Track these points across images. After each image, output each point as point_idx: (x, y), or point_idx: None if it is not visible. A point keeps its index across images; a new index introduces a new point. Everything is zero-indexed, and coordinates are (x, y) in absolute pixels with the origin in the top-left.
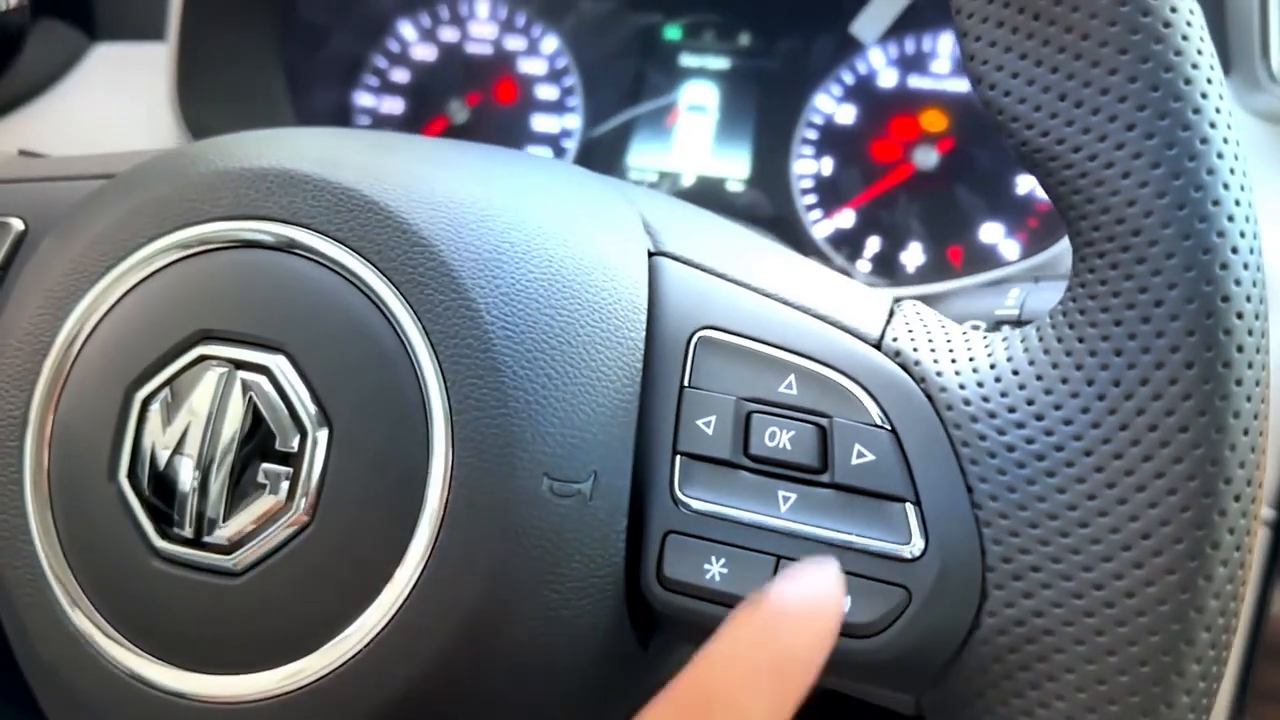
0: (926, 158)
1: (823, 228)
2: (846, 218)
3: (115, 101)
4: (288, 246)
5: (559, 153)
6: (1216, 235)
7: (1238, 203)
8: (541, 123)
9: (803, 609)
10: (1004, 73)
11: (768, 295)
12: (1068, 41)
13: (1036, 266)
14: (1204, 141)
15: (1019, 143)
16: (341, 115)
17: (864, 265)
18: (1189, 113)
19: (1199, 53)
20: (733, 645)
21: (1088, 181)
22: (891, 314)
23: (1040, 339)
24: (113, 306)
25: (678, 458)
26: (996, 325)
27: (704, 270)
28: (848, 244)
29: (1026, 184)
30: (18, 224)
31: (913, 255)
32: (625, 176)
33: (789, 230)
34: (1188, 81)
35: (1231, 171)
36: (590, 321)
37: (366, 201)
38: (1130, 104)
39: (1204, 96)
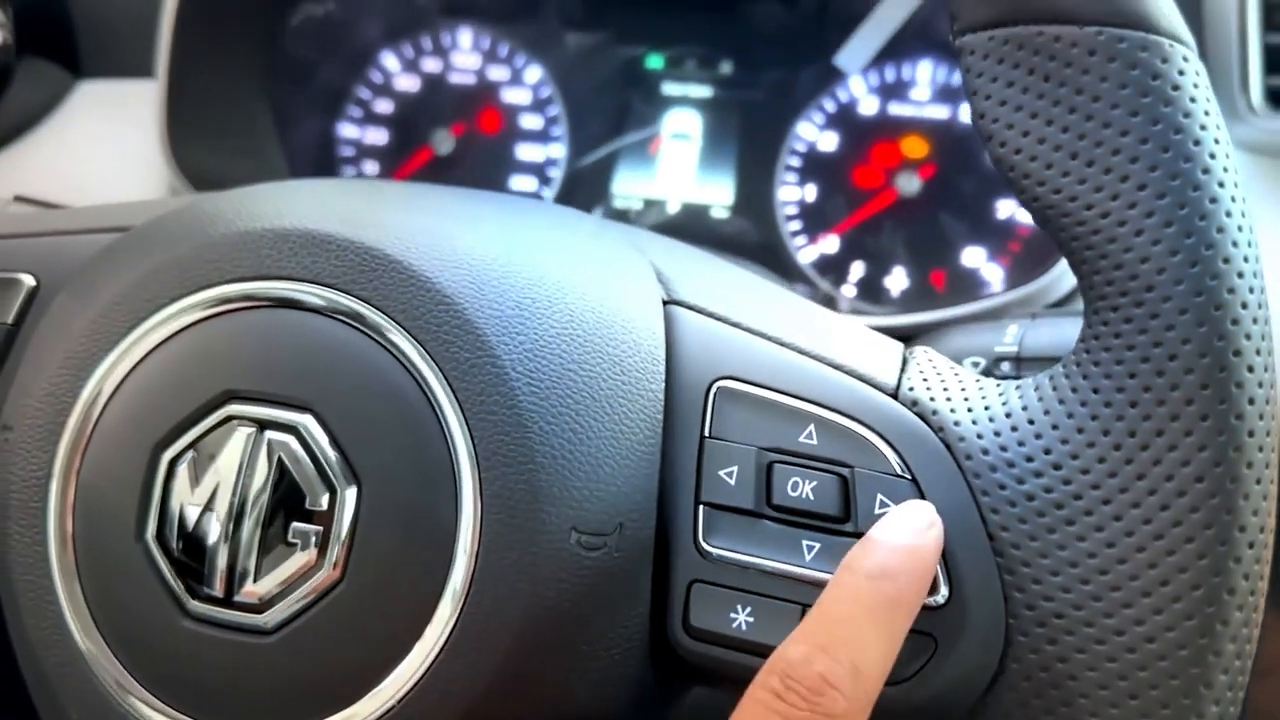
0: (909, 184)
1: (808, 253)
2: (831, 243)
3: (102, 139)
4: (311, 307)
5: (544, 181)
6: (1227, 292)
7: (1246, 259)
8: (526, 152)
9: (909, 550)
10: (1014, 131)
11: (783, 344)
12: (1078, 103)
13: (1024, 298)
14: (1213, 201)
15: (1030, 198)
16: (326, 146)
17: (849, 290)
18: (1199, 173)
19: (1206, 113)
20: (853, 580)
21: (1101, 238)
22: (905, 362)
23: (1054, 388)
24: (135, 366)
25: (701, 508)
26: (997, 361)
27: (717, 319)
28: (832, 269)
29: (1007, 209)
30: (29, 280)
31: (897, 280)
32: (610, 204)
33: (774, 256)
34: (1196, 142)
35: (1240, 229)
36: (611, 374)
37: (390, 261)
38: (1142, 165)
39: (1212, 157)
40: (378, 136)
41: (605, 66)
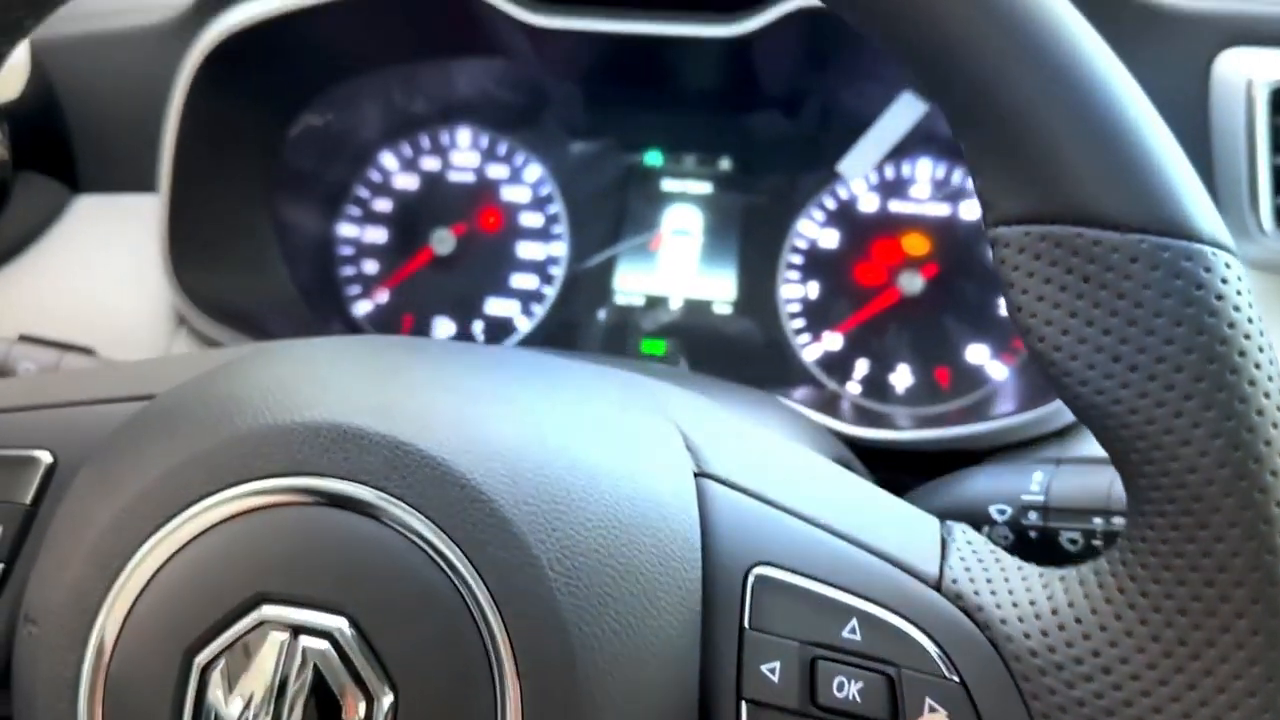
0: (911, 283)
1: (812, 351)
2: (835, 341)
3: (102, 255)
4: (344, 504)
5: (546, 280)
6: (1276, 505)
7: None
8: (527, 250)
9: None
10: (1054, 328)
11: (821, 526)
12: (1121, 307)
13: (1038, 420)
14: (1260, 413)
15: (1072, 396)
16: (325, 246)
17: (854, 388)
18: (1244, 385)
19: (1250, 321)
20: None
21: (1146, 445)
22: (945, 544)
23: (1101, 585)
24: (164, 564)
25: (744, 704)
26: (1024, 510)
27: (751, 496)
28: (837, 367)
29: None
30: (46, 457)
31: (901, 377)
32: (612, 301)
33: (778, 353)
34: (1242, 354)
35: None
36: (648, 564)
37: (424, 457)
38: (1187, 375)
39: (1257, 367)
40: (377, 235)
41: (604, 164)
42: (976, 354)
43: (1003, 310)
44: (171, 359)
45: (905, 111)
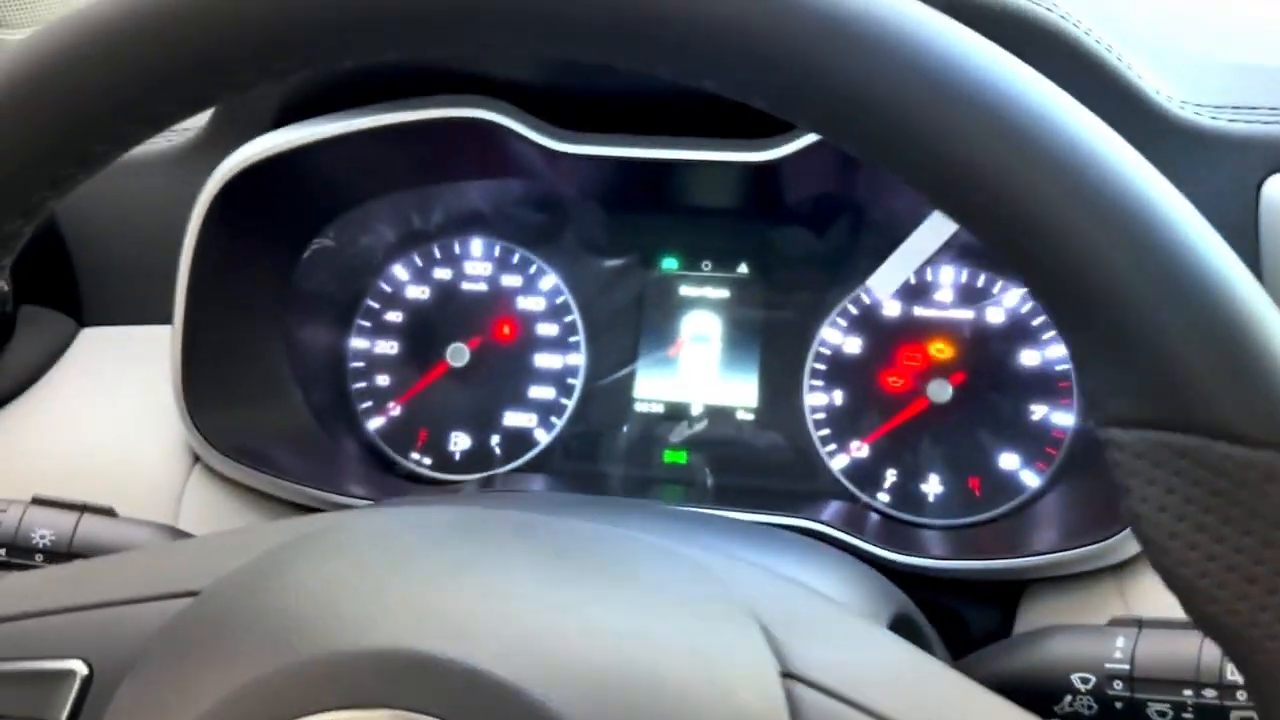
0: (940, 391)
1: (839, 461)
2: (862, 450)
3: (110, 390)
4: None
5: (564, 391)
6: None
7: None
8: (544, 360)
9: None
10: (1179, 543)
11: None
12: (1254, 527)
13: (1097, 554)
14: None
15: (1200, 615)
16: (337, 362)
17: (883, 498)
18: None
19: None
20: None
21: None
22: None
23: None
24: None
25: None
26: (1109, 679)
27: (841, 700)
28: (865, 477)
29: (1041, 410)
30: (81, 668)
31: (932, 486)
32: (632, 408)
33: (804, 462)
34: None
35: None
36: None
37: (503, 687)
38: None
39: None
40: (388, 347)
41: (620, 271)
42: (1009, 462)
43: (1034, 416)
44: (209, 541)
45: (937, 228)
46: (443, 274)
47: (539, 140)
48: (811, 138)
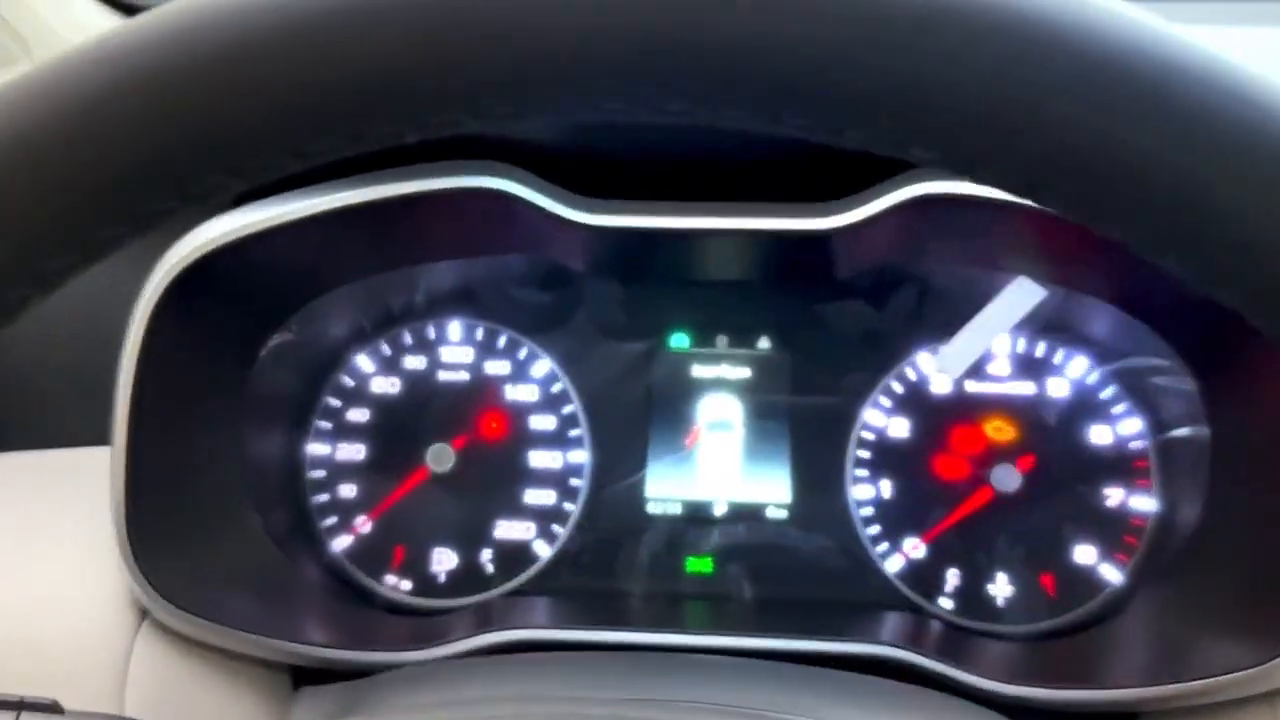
0: (1007, 479)
1: (893, 563)
2: (918, 549)
3: (34, 531)
4: None
5: (567, 494)
6: None
7: None
8: (541, 459)
9: None
10: None
11: None
12: None
13: (1249, 679)
14: None
15: None
16: (292, 470)
17: (946, 603)
18: None
19: None
20: None
21: None
22: None
23: None
24: None
25: None
26: None
27: None
28: (924, 580)
29: (1117, 495)
30: None
31: (1001, 588)
32: (644, 510)
33: (853, 568)
34: None
35: None
36: None
37: None
38: None
39: None
40: (353, 452)
41: (623, 351)
42: (1085, 555)
43: (1110, 501)
44: None
45: (1020, 298)
46: (415, 363)
47: (557, 210)
48: (885, 204)
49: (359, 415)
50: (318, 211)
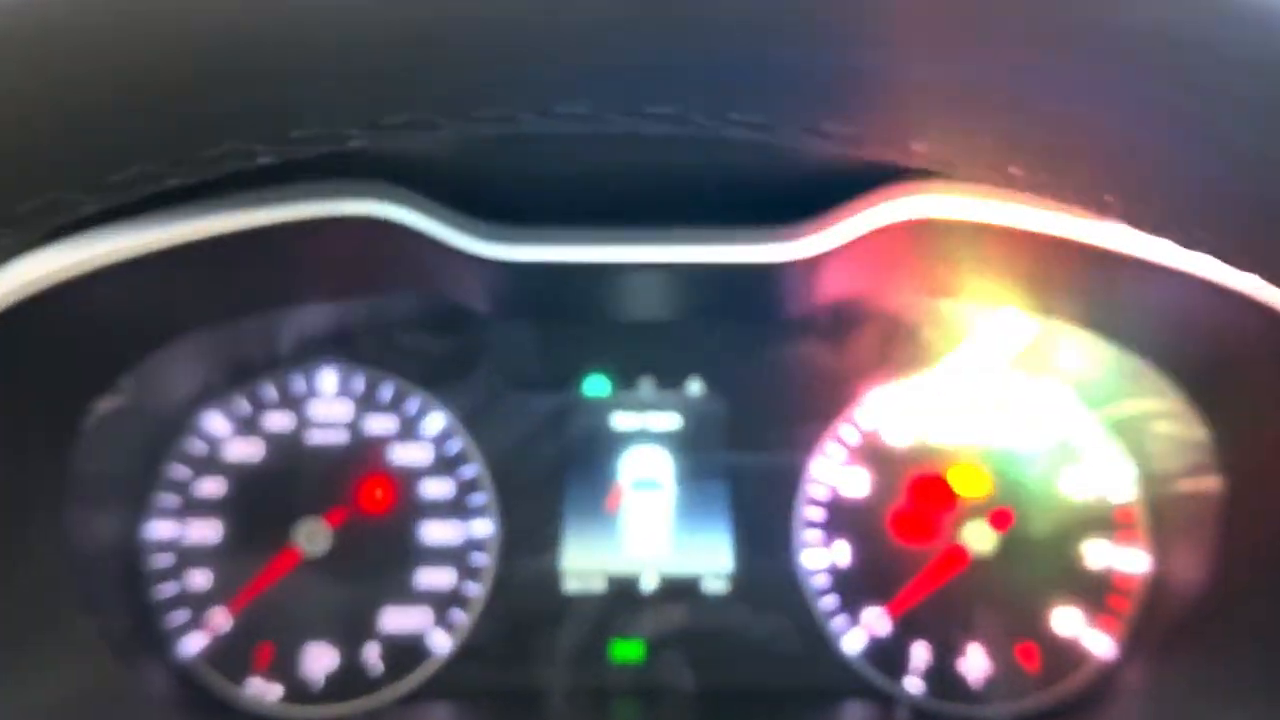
0: (980, 538)
1: (854, 639)
2: (881, 622)
3: None
4: None
5: (468, 574)
6: None
7: None
8: (437, 533)
9: None
10: None
11: None
12: None
13: None
14: None
15: None
16: (130, 559)
17: (913, 683)
18: None
19: None
20: None
21: None
22: None
23: None
24: None
25: None
26: None
27: None
28: (888, 658)
29: (1099, 554)
30: None
31: (976, 663)
32: (560, 589)
33: (808, 646)
34: None
35: None
36: None
37: None
38: None
39: None
40: (206, 532)
41: (531, 401)
42: (1066, 621)
43: (1091, 560)
44: None
45: (1006, 334)
46: (280, 422)
47: (456, 243)
48: (859, 228)
49: (212, 488)
50: (155, 249)
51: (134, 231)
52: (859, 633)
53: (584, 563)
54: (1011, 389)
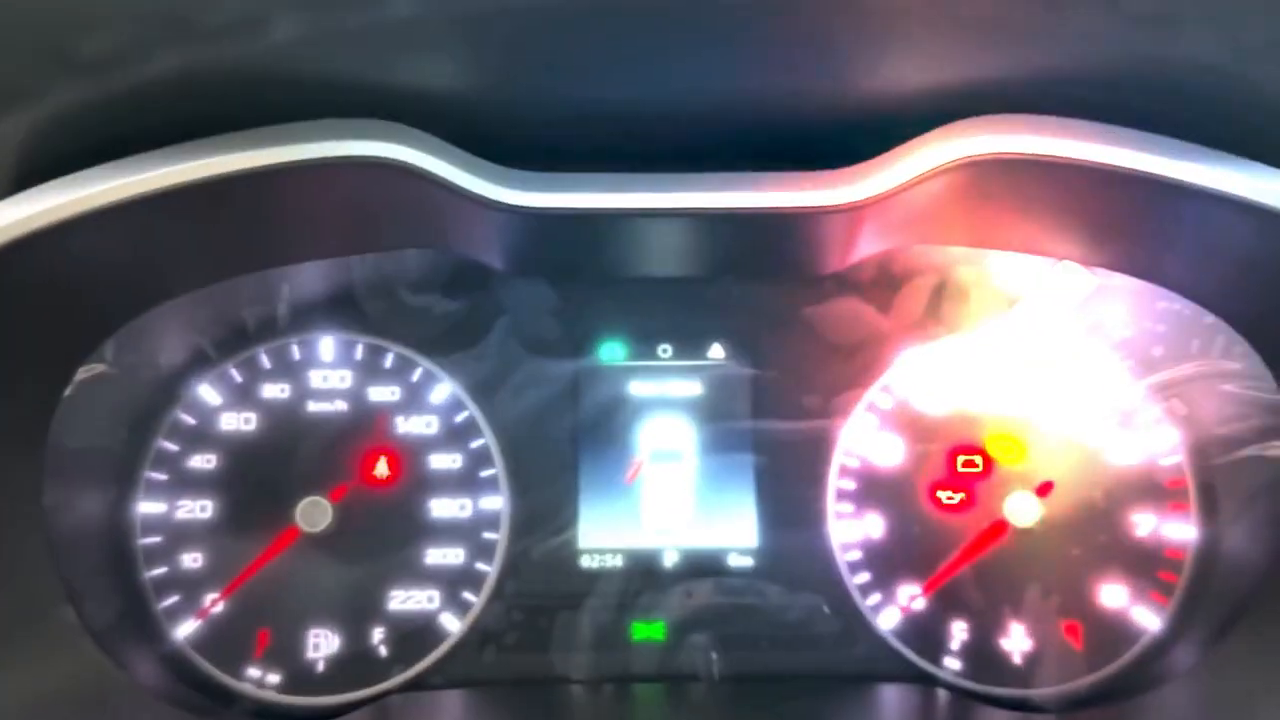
0: (1024, 510)
1: (888, 617)
2: (917, 600)
3: None
4: None
5: (480, 553)
6: None
7: None
8: (445, 509)
9: None
10: None
11: None
12: None
13: None
14: None
15: None
16: (117, 539)
17: (951, 663)
18: None
19: None
20: None
21: None
22: None
23: None
24: None
25: None
26: None
27: None
28: (925, 637)
29: (1147, 523)
30: None
31: (1017, 642)
32: (577, 566)
33: (839, 625)
34: None
35: None
36: None
37: None
38: None
39: None
40: (198, 510)
41: (544, 368)
42: (1113, 596)
43: (1139, 531)
44: None
45: (1064, 287)
46: (276, 392)
47: (472, 187)
48: (923, 167)
49: (204, 462)
50: (139, 193)
51: (114, 174)
52: (893, 610)
53: (601, 539)
54: (1058, 351)
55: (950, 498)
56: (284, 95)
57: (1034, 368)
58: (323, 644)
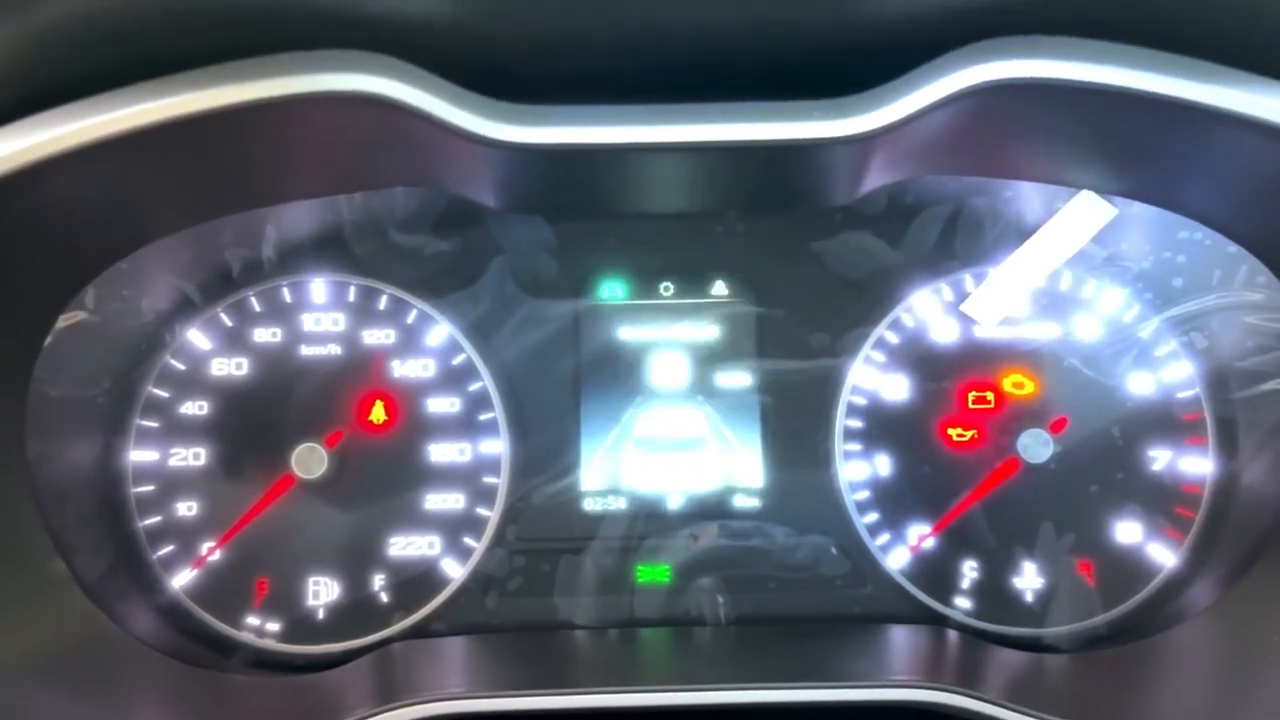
0: (1036, 447)
1: (897, 557)
2: (927, 539)
3: None
4: None
5: (481, 497)
6: None
7: None
8: (444, 453)
9: None
10: None
11: None
12: None
13: None
14: None
15: None
16: (109, 489)
17: (962, 602)
18: None
19: None
20: None
21: None
22: None
23: None
24: None
25: None
26: None
27: None
28: (935, 577)
29: (1163, 457)
30: None
31: (1029, 581)
32: (579, 508)
33: (848, 566)
34: None
35: None
36: None
37: None
38: None
39: None
40: (191, 458)
41: (542, 306)
42: (1128, 533)
43: (1155, 465)
44: None
45: (1083, 218)
46: (268, 336)
47: (463, 123)
48: (936, 93)
49: (196, 408)
50: (109, 133)
51: (83, 113)
52: (902, 550)
53: (604, 481)
54: (1072, 284)
55: (961, 435)
56: (261, 26)
57: (1049, 301)
58: (323, 592)
